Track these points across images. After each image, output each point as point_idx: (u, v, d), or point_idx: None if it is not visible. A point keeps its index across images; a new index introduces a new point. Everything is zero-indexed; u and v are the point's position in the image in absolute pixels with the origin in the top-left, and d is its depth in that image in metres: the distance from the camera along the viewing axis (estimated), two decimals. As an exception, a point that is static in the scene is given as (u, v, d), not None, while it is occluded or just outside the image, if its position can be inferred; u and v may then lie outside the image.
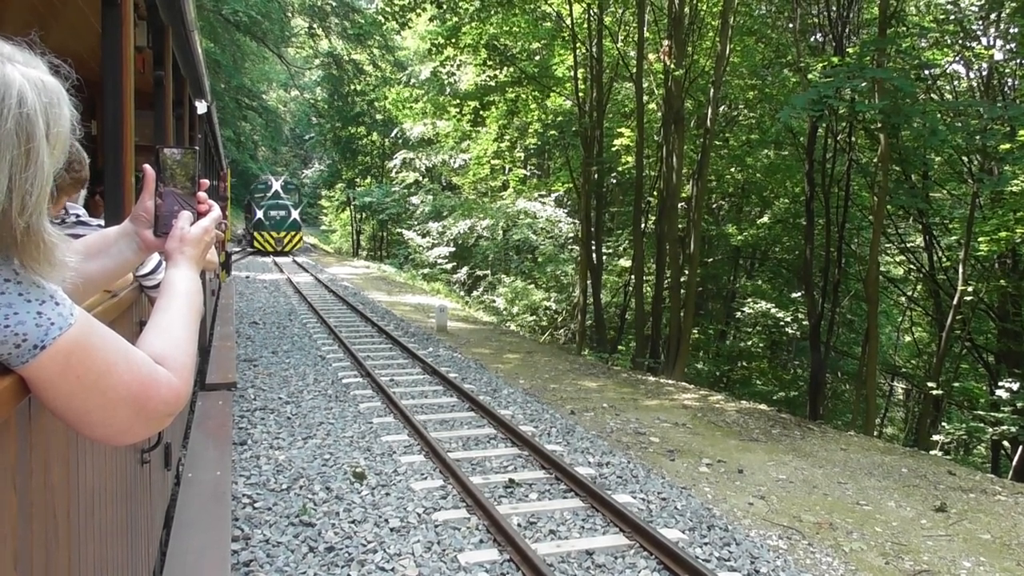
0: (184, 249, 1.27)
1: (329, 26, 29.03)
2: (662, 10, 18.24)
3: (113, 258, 1.33)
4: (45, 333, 0.88)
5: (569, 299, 24.67)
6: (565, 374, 11.39)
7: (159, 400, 1.01)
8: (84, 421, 0.97)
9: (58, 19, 3.38)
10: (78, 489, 1.36)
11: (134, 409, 0.99)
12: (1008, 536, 5.77)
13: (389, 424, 7.46)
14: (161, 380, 1.03)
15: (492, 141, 25.84)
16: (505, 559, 4.54)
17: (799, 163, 17.58)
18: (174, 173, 1.31)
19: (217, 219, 1.36)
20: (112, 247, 1.33)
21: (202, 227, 1.31)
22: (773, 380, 20.90)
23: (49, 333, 0.88)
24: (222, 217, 1.40)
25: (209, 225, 1.33)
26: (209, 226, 1.33)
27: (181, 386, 1.07)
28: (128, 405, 0.98)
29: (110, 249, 1.33)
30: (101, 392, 0.94)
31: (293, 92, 48.01)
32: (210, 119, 8.03)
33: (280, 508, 5.24)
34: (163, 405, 1.02)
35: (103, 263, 1.32)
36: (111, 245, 1.33)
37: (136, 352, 1.02)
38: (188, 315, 1.19)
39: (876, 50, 12.64)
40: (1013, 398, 12.14)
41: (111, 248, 1.33)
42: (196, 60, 4.31)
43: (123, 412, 0.98)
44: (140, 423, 1.01)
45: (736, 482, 6.54)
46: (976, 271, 15.31)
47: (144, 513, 2.32)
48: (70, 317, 0.90)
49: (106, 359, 0.95)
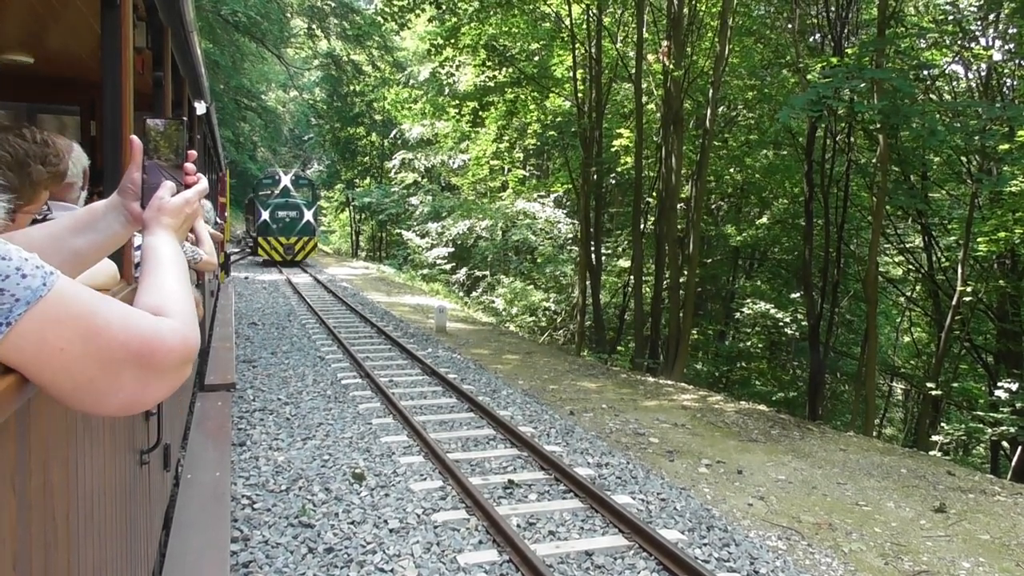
0: (161, 219, 1.23)
1: (328, 27, 29.02)
2: (661, 11, 18.25)
3: (101, 232, 1.30)
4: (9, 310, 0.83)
5: (568, 300, 24.67)
6: (564, 375, 11.39)
7: (166, 351, 0.96)
8: (93, 395, 0.92)
9: (58, 20, 3.38)
10: (77, 490, 1.36)
11: (141, 366, 0.94)
12: (1007, 536, 5.77)
13: (388, 425, 7.45)
14: (163, 329, 0.98)
15: (491, 142, 25.85)
16: (504, 560, 4.54)
17: (798, 163, 17.59)
18: (158, 145, 1.28)
19: (202, 192, 1.32)
20: (100, 221, 1.30)
21: (184, 198, 1.27)
22: (772, 380, 20.91)
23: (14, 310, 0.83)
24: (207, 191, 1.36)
25: (192, 197, 1.29)
26: (192, 198, 1.29)
27: (186, 331, 1.02)
28: (133, 364, 0.93)
29: (97, 223, 1.30)
30: (96, 357, 0.89)
31: (292, 93, 48.00)
32: (209, 120, 8.02)
33: (279, 509, 5.24)
34: (171, 354, 0.97)
35: (91, 238, 1.29)
36: (99, 219, 1.30)
37: (130, 309, 0.97)
38: (178, 273, 1.15)
39: (875, 50, 12.64)
40: (1012, 398, 12.14)
41: (99, 222, 1.30)
42: (195, 61, 4.31)
43: (129, 373, 0.93)
44: (154, 380, 0.96)
45: (735, 483, 6.54)
46: (975, 271, 15.31)
47: (143, 514, 2.32)
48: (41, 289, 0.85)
49: (93, 322, 0.89)
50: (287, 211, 25.91)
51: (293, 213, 25.97)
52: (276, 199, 26.24)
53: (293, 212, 25.99)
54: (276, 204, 25.97)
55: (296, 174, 28.51)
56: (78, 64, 3.99)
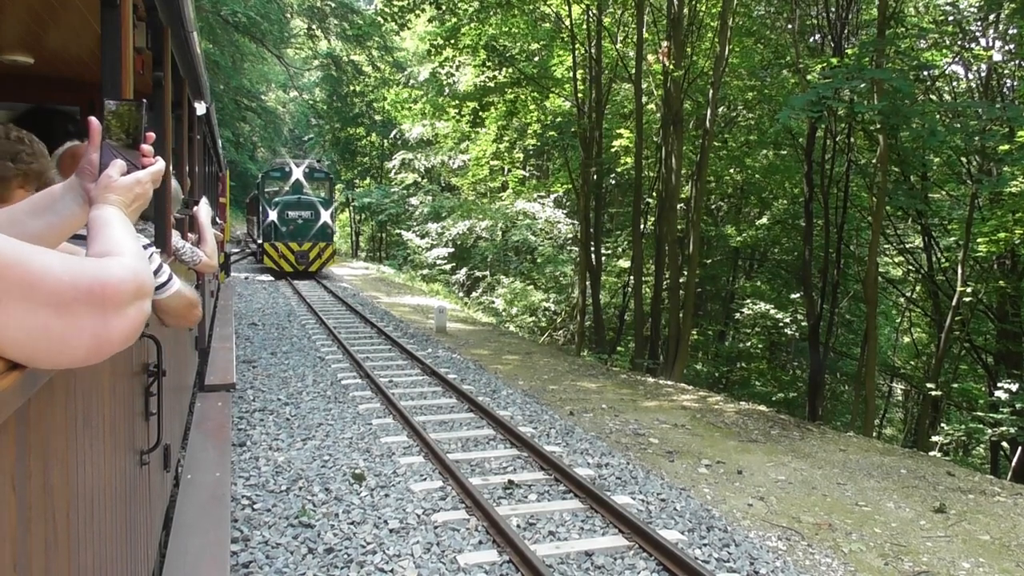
0: (109, 196, 1.22)
1: (328, 27, 29.01)
2: (661, 11, 18.25)
3: (59, 214, 1.29)
4: None
5: (568, 300, 24.68)
6: (564, 375, 11.39)
7: (116, 283, 0.95)
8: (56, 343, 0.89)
9: (57, 21, 3.38)
10: (77, 491, 1.36)
11: (95, 304, 0.92)
12: (1007, 537, 5.77)
13: (388, 425, 7.45)
14: (112, 265, 0.98)
15: (491, 142, 25.84)
16: (504, 560, 4.53)
17: (798, 164, 17.60)
18: (111, 125, 1.28)
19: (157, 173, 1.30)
20: (58, 203, 1.30)
21: (135, 178, 1.26)
22: (772, 381, 20.91)
23: None
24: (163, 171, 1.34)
25: (144, 178, 1.27)
26: (144, 179, 1.27)
27: (136, 265, 1.02)
28: (87, 303, 0.91)
29: (56, 206, 1.29)
30: (45, 303, 0.86)
31: (292, 93, 47.99)
32: (209, 120, 8.03)
33: (279, 509, 5.24)
34: (123, 286, 0.97)
35: (50, 220, 1.29)
36: (57, 202, 1.30)
37: (72, 256, 0.96)
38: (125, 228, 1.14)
39: (875, 51, 12.65)
40: (1012, 399, 12.14)
41: (57, 205, 1.29)
42: (195, 61, 4.31)
43: (86, 313, 0.91)
44: (113, 317, 0.95)
45: (735, 483, 6.54)
46: (975, 272, 15.32)
47: (143, 515, 2.32)
48: None
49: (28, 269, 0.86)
50: (300, 211, 21.52)
51: (307, 213, 21.57)
52: (286, 196, 22.01)
53: (307, 212, 21.58)
54: (286, 203, 21.60)
55: (311, 165, 23.82)
56: (78, 64, 3.99)
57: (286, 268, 21.48)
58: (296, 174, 22.68)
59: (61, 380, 1.23)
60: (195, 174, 6.04)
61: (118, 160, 1.25)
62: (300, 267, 21.58)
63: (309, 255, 21.61)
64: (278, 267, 21.55)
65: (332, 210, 22.82)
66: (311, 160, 25.97)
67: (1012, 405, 12.13)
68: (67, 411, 1.30)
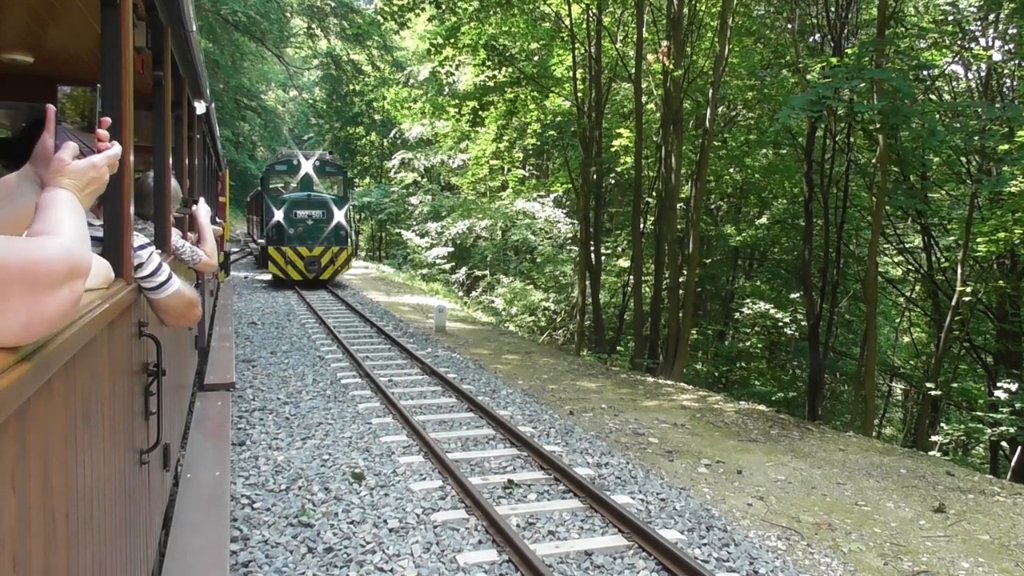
0: (61, 179, 1.19)
1: (328, 26, 29.00)
2: (661, 11, 18.26)
3: (18, 203, 1.28)
4: None
5: (568, 300, 24.69)
6: (564, 375, 11.39)
7: (48, 261, 0.95)
8: None
9: (57, 21, 3.38)
10: (77, 491, 1.36)
11: (27, 282, 0.91)
12: (1007, 537, 5.77)
13: (388, 425, 7.45)
14: (45, 244, 0.97)
15: (491, 141, 25.84)
16: (504, 560, 4.54)
17: (798, 164, 17.61)
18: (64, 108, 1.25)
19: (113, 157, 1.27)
20: (15, 192, 1.28)
21: (88, 162, 1.22)
22: (772, 381, 20.92)
23: None
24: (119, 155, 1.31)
25: (99, 161, 1.24)
26: (98, 162, 1.24)
27: (71, 244, 1.01)
28: (18, 282, 0.91)
29: (13, 195, 1.28)
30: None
31: (292, 92, 48.02)
32: (209, 119, 8.02)
33: (279, 509, 5.24)
34: (55, 264, 0.96)
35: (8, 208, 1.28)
36: (13, 190, 1.28)
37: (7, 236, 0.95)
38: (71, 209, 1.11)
39: (875, 51, 12.65)
40: (1011, 399, 12.15)
41: (14, 193, 1.28)
42: (195, 60, 4.31)
43: (17, 292, 0.91)
44: (45, 295, 0.94)
45: (735, 483, 6.54)
46: (975, 272, 15.32)
47: (143, 514, 2.32)
48: None
49: None
50: (310, 210, 18.85)
51: (318, 213, 18.85)
52: (294, 193, 19.57)
53: (318, 212, 18.87)
54: (294, 201, 18.97)
55: (322, 158, 20.86)
56: (78, 64, 3.99)
57: (293, 276, 18.64)
58: (305, 168, 19.77)
59: (61, 380, 1.23)
60: (195, 173, 6.04)
61: (71, 143, 1.22)
62: (310, 275, 18.65)
63: (320, 261, 18.78)
64: (284, 275, 18.67)
65: (347, 209, 19.90)
66: (322, 152, 22.27)
67: (1011, 405, 12.14)
68: (67, 411, 1.30)
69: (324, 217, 18.87)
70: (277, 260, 18.63)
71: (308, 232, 18.72)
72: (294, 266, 18.61)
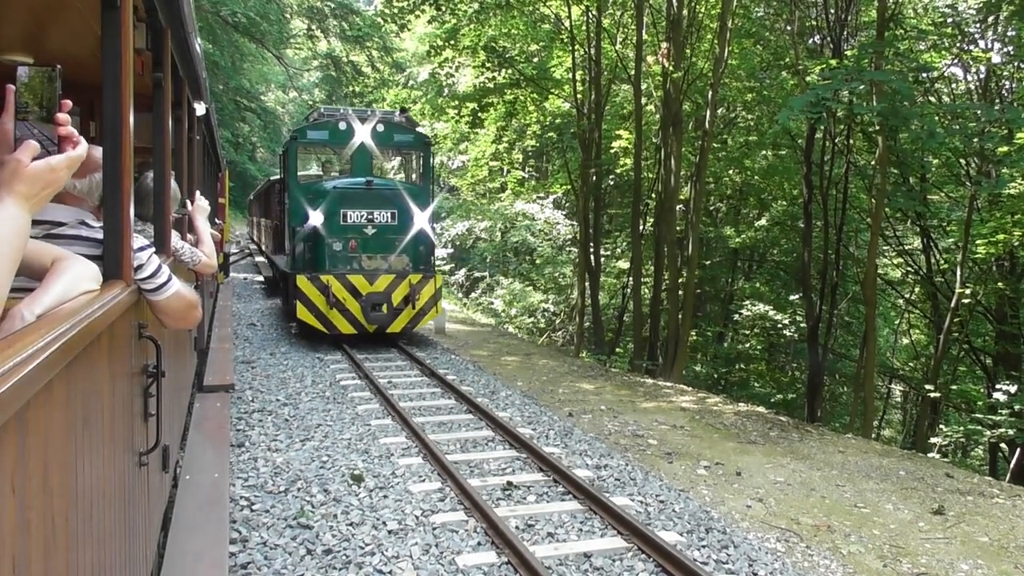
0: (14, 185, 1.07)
1: (328, 27, 29.03)
2: (660, 12, 18.27)
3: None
4: None
5: (567, 301, 24.69)
6: (563, 376, 11.39)
7: None
8: None
9: (57, 22, 3.38)
10: (76, 492, 1.36)
11: None
12: (1006, 539, 5.77)
13: (387, 426, 7.45)
14: None
15: (490, 143, 25.85)
16: (503, 562, 4.53)
17: (797, 165, 17.61)
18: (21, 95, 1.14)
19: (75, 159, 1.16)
20: None
21: (46, 163, 1.11)
22: (771, 382, 20.92)
23: None
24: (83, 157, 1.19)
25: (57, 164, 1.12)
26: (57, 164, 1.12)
27: None
28: None
29: None
30: None
31: (292, 93, 48.00)
32: (209, 121, 8.03)
33: (278, 510, 5.23)
34: None
35: None
36: None
37: None
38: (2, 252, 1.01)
39: (874, 53, 12.66)
40: (1011, 400, 12.15)
41: None
42: (195, 62, 4.31)
43: None
44: None
45: (734, 484, 6.54)
46: (974, 273, 15.33)
47: (142, 516, 2.32)
48: None
49: None
50: (371, 209, 11.38)
51: (385, 215, 11.44)
52: (343, 180, 12.10)
53: (386, 212, 11.44)
54: (344, 192, 11.37)
55: (386, 119, 12.48)
56: (78, 65, 3.99)
57: (343, 328, 10.98)
58: (360, 135, 11.94)
59: (61, 382, 1.23)
60: (194, 174, 6.04)
61: (31, 142, 1.12)
62: (371, 326, 11.05)
63: (392, 299, 11.12)
64: (326, 325, 10.97)
65: (432, 208, 12.23)
66: (387, 111, 13.89)
67: (1011, 407, 12.14)
68: (67, 412, 1.30)
69: (396, 222, 11.51)
70: (312, 299, 10.89)
71: (368, 247, 11.40)
72: (343, 310, 10.92)
